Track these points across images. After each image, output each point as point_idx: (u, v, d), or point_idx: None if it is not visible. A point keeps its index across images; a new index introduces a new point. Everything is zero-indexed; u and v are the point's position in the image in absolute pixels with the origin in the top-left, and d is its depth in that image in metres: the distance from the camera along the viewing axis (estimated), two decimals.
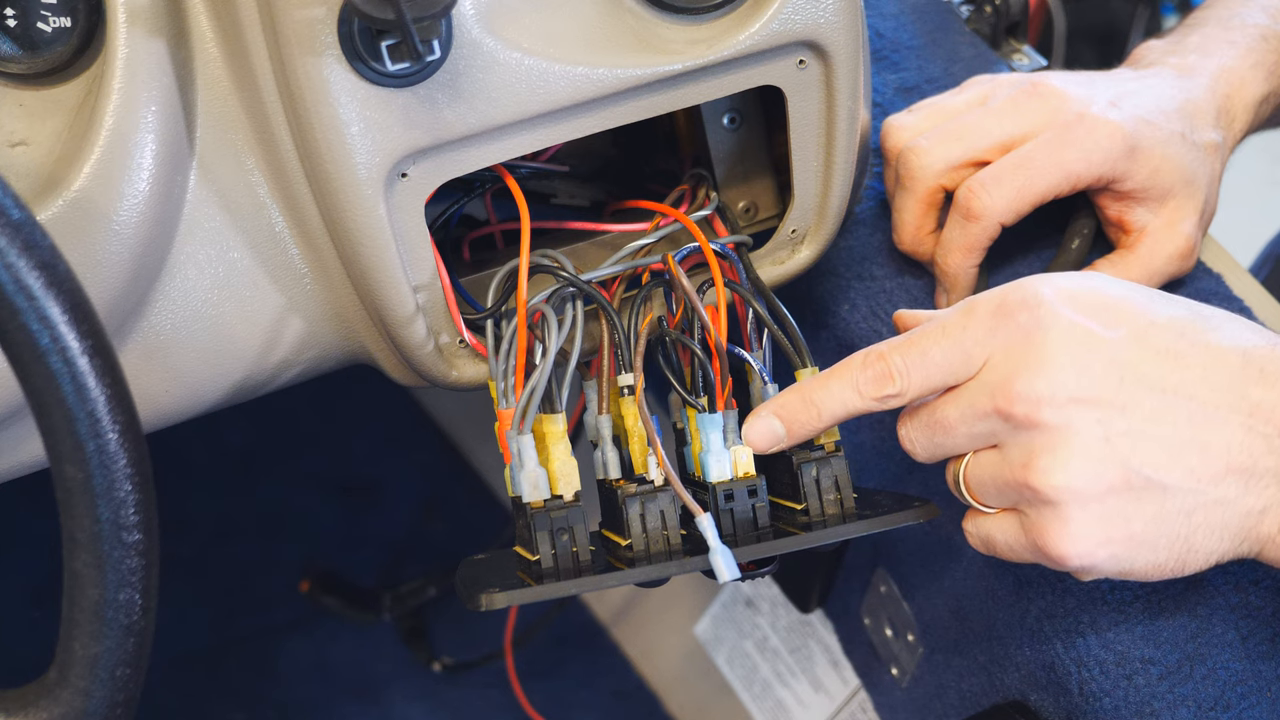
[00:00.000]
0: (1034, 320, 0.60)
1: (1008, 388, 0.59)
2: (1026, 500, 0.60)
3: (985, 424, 0.61)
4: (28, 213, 0.48)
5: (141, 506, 0.51)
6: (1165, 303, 0.62)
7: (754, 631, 1.13)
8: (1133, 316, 0.60)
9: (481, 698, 1.28)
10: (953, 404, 0.62)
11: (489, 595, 0.61)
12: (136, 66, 0.64)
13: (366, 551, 1.38)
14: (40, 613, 1.23)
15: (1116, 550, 0.59)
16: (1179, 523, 0.59)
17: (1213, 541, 0.60)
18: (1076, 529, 0.59)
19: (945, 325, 0.62)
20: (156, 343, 0.69)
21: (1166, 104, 0.78)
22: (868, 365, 0.63)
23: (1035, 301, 0.60)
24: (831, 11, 0.69)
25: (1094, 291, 0.61)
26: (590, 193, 0.82)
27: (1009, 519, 0.62)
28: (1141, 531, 0.59)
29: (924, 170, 0.78)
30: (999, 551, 0.64)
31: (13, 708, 0.54)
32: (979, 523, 0.64)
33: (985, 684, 0.79)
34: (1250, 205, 1.58)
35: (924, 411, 0.63)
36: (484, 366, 0.73)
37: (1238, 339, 0.60)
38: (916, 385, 0.62)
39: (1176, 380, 0.59)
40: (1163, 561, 0.60)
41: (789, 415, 0.65)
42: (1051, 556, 0.60)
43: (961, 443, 0.62)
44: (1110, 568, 0.60)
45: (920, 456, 0.64)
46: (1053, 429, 0.59)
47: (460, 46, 0.64)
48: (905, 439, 0.65)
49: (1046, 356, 0.59)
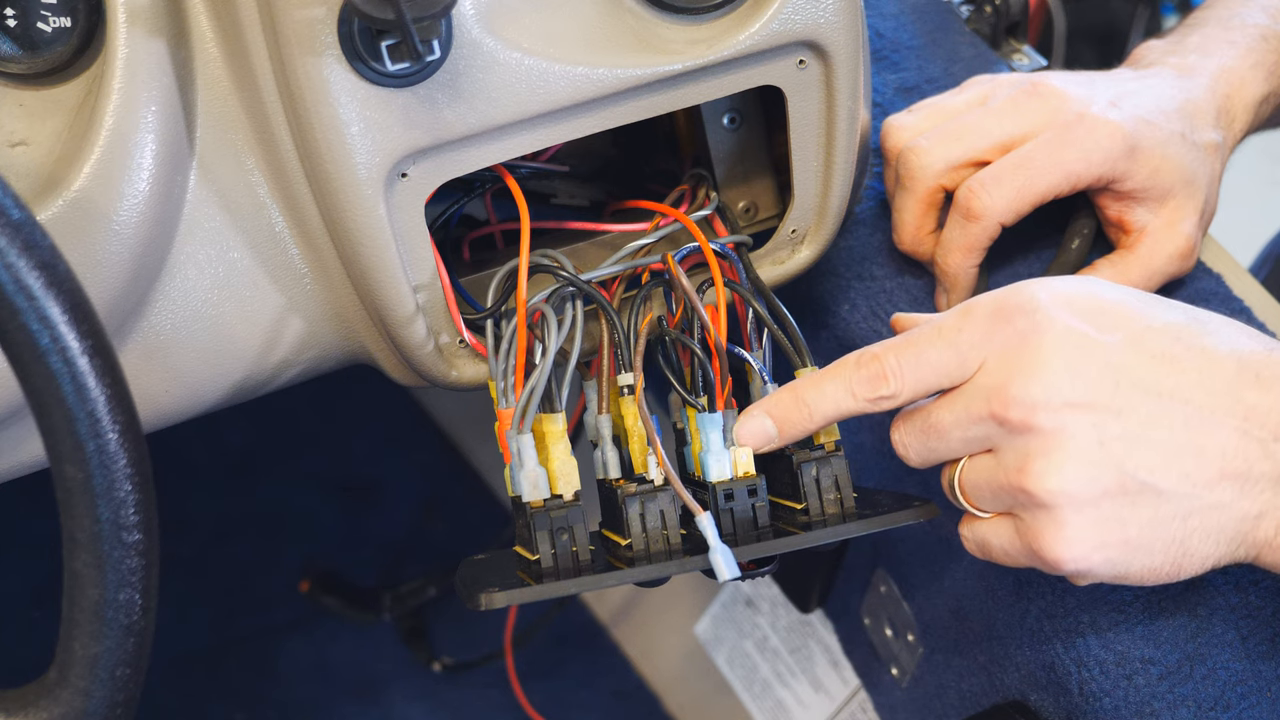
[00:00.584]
0: (1030, 324, 0.60)
1: (1003, 392, 0.59)
2: (1021, 505, 0.60)
3: (980, 428, 0.61)
4: (28, 213, 0.48)
5: (141, 506, 0.51)
6: (1161, 307, 0.62)
7: (754, 631, 1.13)
8: (1129, 321, 0.60)
9: (481, 698, 1.27)
10: (947, 408, 0.62)
11: (489, 595, 0.61)
12: (136, 66, 0.64)
13: (366, 551, 1.38)
14: (40, 613, 1.23)
15: (1112, 554, 0.59)
16: (1174, 527, 0.59)
17: (1208, 546, 0.60)
18: (1071, 533, 0.59)
19: (941, 327, 0.62)
20: (156, 343, 0.69)
21: (1166, 104, 0.78)
22: (862, 366, 0.63)
23: (1031, 305, 0.60)
24: (831, 11, 0.69)
25: (1090, 296, 0.61)
26: (590, 193, 0.82)
27: (1004, 523, 0.62)
28: (1137, 536, 0.59)
29: (924, 170, 0.78)
30: (994, 556, 0.63)
31: (13, 708, 0.54)
32: (974, 527, 0.64)
33: (985, 684, 0.79)
34: (1250, 205, 1.58)
35: (918, 416, 0.63)
36: (484, 366, 0.73)
37: (1234, 343, 0.60)
38: (910, 387, 0.62)
39: (1172, 384, 0.59)
40: (1158, 565, 0.60)
41: (781, 414, 0.65)
42: (1047, 561, 0.60)
43: (956, 447, 0.62)
44: (1105, 572, 0.60)
45: (913, 461, 0.64)
46: (1048, 433, 0.58)
47: (460, 46, 0.64)
48: (899, 443, 0.64)
49: (1042, 360, 0.59)
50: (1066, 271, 0.80)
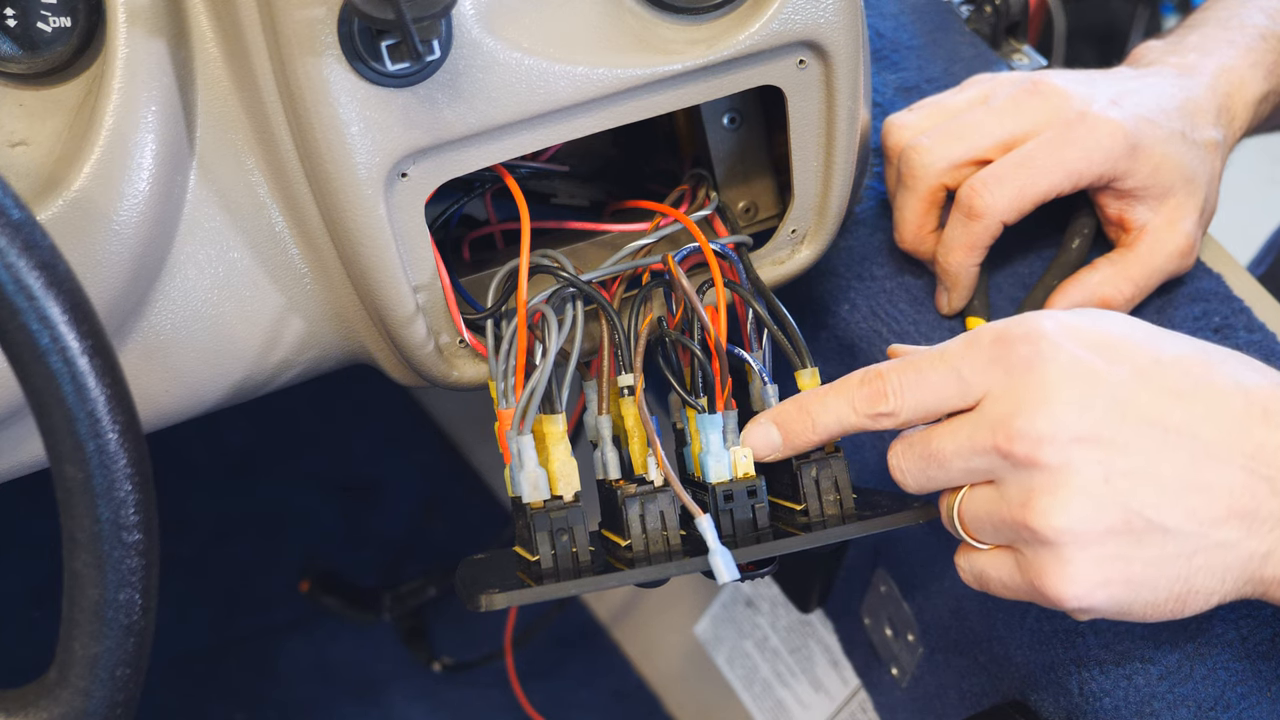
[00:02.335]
0: (1035, 354, 0.59)
1: (1008, 425, 0.58)
2: (1024, 540, 0.59)
3: (983, 460, 0.60)
4: (28, 213, 0.48)
5: (141, 506, 0.51)
6: (1168, 339, 0.61)
7: (754, 631, 1.13)
8: (1136, 353, 0.60)
9: (481, 698, 1.27)
10: (949, 436, 0.61)
11: (489, 595, 0.61)
12: (136, 66, 0.64)
13: (366, 551, 1.38)
14: (40, 613, 1.23)
15: (1115, 592, 0.59)
16: (1179, 565, 0.58)
17: (1213, 583, 0.59)
18: (1075, 571, 0.58)
19: (944, 352, 0.62)
20: (156, 343, 0.69)
21: (1167, 102, 0.78)
22: (865, 383, 0.63)
23: (1037, 335, 0.59)
24: (831, 11, 0.69)
25: (1096, 328, 0.61)
26: (590, 193, 0.82)
27: (1004, 556, 0.61)
28: (1141, 573, 0.58)
29: (926, 169, 0.78)
30: (992, 589, 0.63)
31: (13, 708, 0.54)
32: (972, 558, 0.63)
33: (985, 684, 0.79)
34: (1250, 204, 1.58)
35: (918, 442, 0.62)
36: (484, 366, 0.73)
37: (1241, 378, 0.59)
38: (911, 407, 0.62)
39: (1179, 420, 0.58)
40: (1161, 603, 0.59)
41: (785, 424, 0.65)
42: (1049, 597, 0.59)
43: (955, 476, 0.62)
44: (1108, 609, 0.59)
45: (910, 487, 0.63)
46: (1053, 469, 0.58)
47: (460, 46, 0.64)
48: (896, 468, 0.64)
49: (1049, 393, 0.58)
50: (1067, 270, 0.80)
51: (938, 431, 0.62)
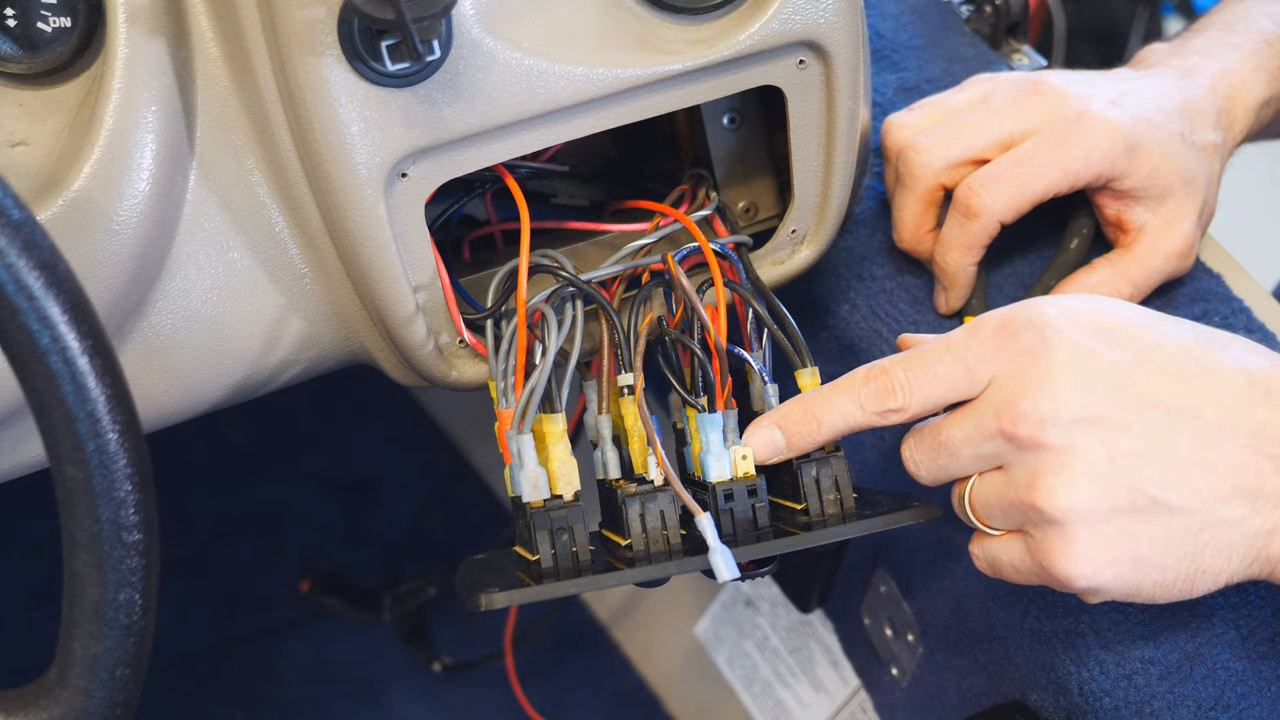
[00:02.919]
0: (1039, 340, 0.60)
1: (1012, 408, 0.59)
2: (1032, 522, 0.60)
3: (990, 445, 0.60)
4: (28, 213, 0.48)
5: (141, 506, 0.51)
6: (1170, 324, 0.62)
7: (754, 631, 1.13)
8: (1138, 337, 0.60)
9: (481, 698, 1.27)
10: (957, 425, 0.62)
11: (489, 595, 0.61)
12: (136, 66, 0.64)
13: (366, 551, 1.38)
14: (40, 613, 1.23)
15: (1123, 571, 0.59)
16: (1186, 543, 0.59)
17: (1220, 562, 0.59)
18: (1082, 550, 0.59)
19: (949, 343, 0.62)
20: (156, 343, 0.69)
21: (1167, 104, 0.78)
22: (870, 379, 0.63)
23: (1040, 321, 0.60)
24: (831, 11, 0.69)
25: (1098, 312, 0.61)
26: (590, 193, 0.82)
27: (1014, 541, 0.62)
28: (1148, 552, 0.59)
29: (924, 168, 0.78)
30: (1005, 574, 0.63)
31: (13, 708, 0.54)
32: (984, 545, 0.64)
33: (985, 684, 0.79)
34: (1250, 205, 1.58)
35: (928, 433, 0.63)
36: (484, 366, 0.73)
37: (1243, 360, 0.60)
38: (919, 401, 0.62)
39: (1182, 400, 0.59)
40: (1170, 582, 0.60)
41: (789, 426, 0.65)
42: (1058, 578, 0.60)
43: (966, 465, 0.62)
44: (1117, 589, 0.60)
45: (924, 479, 0.64)
46: (1057, 450, 0.58)
47: (460, 46, 0.64)
48: (909, 460, 0.64)
49: (1052, 377, 0.59)
50: (1065, 270, 0.80)
51: (947, 422, 0.62)
